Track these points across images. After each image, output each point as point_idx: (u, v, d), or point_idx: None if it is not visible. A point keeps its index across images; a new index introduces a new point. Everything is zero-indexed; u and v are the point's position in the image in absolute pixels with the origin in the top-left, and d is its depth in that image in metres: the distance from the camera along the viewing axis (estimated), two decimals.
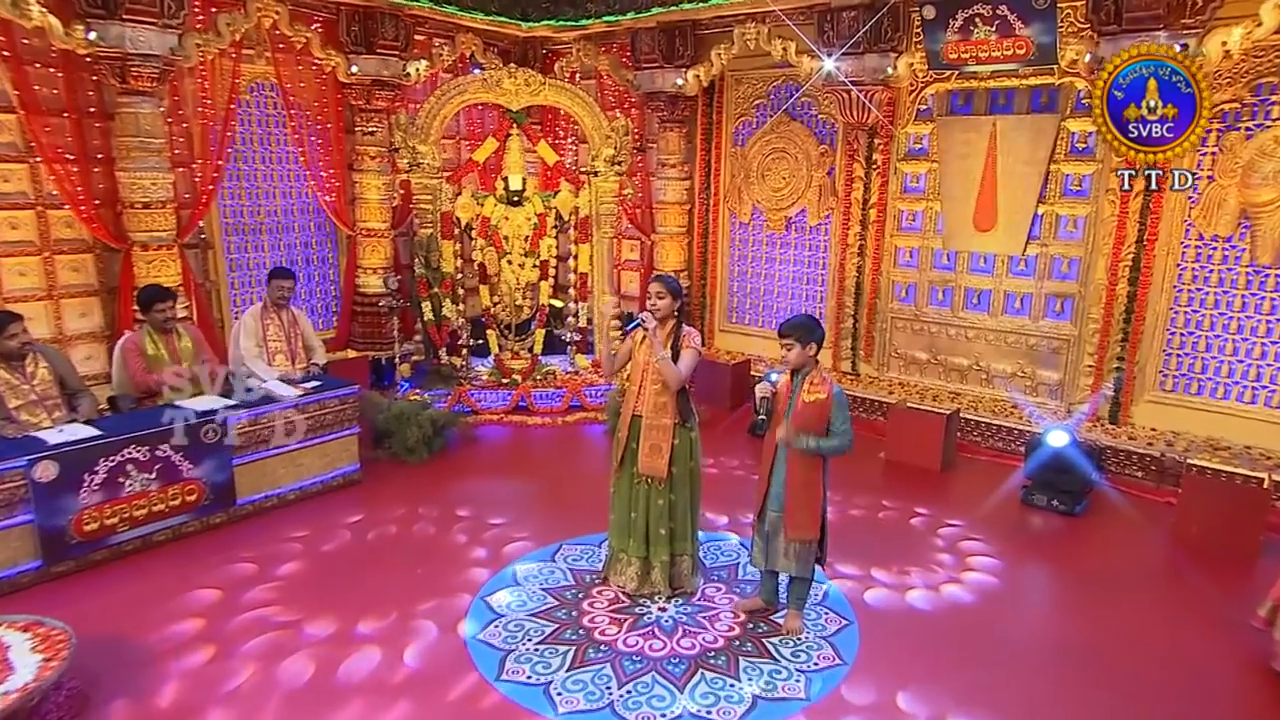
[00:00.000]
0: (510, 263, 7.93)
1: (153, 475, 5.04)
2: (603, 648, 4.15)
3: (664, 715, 3.66)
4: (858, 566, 5.04)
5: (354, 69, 7.80)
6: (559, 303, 8.27)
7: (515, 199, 7.82)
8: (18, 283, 6.40)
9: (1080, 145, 6.80)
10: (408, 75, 8.16)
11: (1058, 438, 5.95)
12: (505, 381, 7.82)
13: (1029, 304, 7.25)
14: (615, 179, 7.92)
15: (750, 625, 4.37)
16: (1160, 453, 6.31)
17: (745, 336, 9.20)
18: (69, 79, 6.32)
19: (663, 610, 4.48)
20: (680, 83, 8.39)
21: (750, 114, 8.72)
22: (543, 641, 4.20)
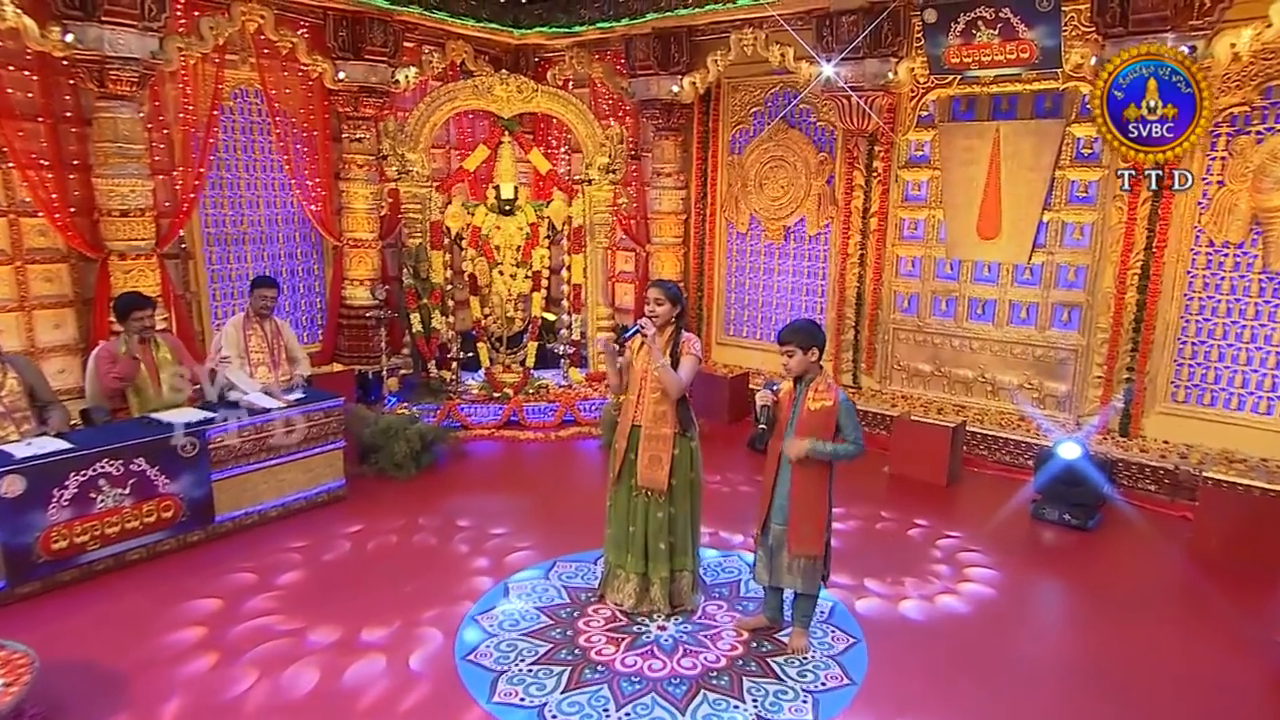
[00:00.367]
0: (502, 273, 7.76)
1: (126, 490, 4.82)
2: (600, 668, 3.98)
3: None
4: (866, 581, 4.88)
5: (341, 75, 7.64)
6: (552, 315, 8.08)
7: (507, 208, 7.65)
8: None
9: (1086, 151, 6.67)
10: (396, 82, 8.01)
11: (1070, 450, 5.77)
12: (496, 396, 7.60)
13: (1035, 314, 7.08)
14: (609, 188, 7.78)
15: (754, 644, 4.21)
16: (1174, 465, 6.13)
17: (743, 349, 9.02)
18: (44, 82, 6.17)
19: (662, 629, 4.32)
20: (676, 90, 8.25)
21: (747, 121, 8.58)
22: (536, 662, 4.03)
